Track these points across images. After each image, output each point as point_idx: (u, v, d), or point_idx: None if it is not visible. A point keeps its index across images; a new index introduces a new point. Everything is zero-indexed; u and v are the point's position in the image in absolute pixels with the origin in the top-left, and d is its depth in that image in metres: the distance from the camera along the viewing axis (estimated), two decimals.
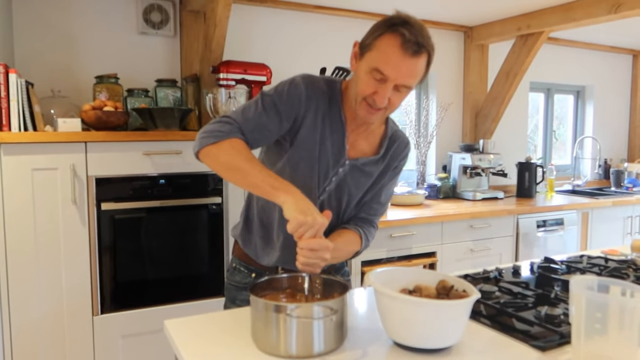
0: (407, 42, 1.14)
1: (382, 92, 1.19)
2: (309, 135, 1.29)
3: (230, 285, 1.48)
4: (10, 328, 2.04)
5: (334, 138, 1.31)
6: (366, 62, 1.20)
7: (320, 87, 1.30)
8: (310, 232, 1.09)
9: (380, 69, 1.16)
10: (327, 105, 1.30)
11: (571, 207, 3.44)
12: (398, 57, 1.15)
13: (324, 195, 1.35)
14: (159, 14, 2.73)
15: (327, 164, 1.32)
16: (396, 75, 1.17)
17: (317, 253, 1.11)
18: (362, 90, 1.21)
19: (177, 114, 2.34)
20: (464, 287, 1.09)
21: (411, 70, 1.18)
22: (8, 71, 1.99)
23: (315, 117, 1.29)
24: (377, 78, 1.18)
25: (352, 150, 1.34)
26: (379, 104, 1.20)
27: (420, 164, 3.65)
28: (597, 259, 1.74)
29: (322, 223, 1.10)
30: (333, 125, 1.31)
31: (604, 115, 4.63)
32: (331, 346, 1.04)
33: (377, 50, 1.17)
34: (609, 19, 2.99)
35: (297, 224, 1.08)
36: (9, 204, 2.00)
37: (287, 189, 1.14)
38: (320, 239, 1.11)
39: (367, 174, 1.37)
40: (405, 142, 1.43)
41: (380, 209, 1.45)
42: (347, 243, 1.35)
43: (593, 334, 0.92)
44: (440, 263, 2.93)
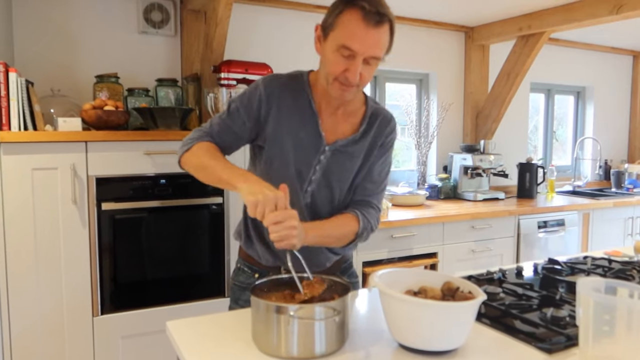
0: (368, 14, 1.15)
1: (353, 68, 1.19)
2: (277, 131, 1.31)
3: (234, 286, 1.48)
4: (9, 328, 2.02)
5: (308, 128, 1.32)
6: (331, 42, 1.20)
7: (281, 82, 1.32)
8: (267, 208, 1.08)
9: (346, 44, 1.17)
10: (292, 99, 1.32)
11: (572, 208, 3.43)
12: (362, 30, 1.16)
13: (312, 185, 1.34)
14: (160, 13, 2.72)
15: (307, 154, 1.32)
16: (364, 49, 1.17)
17: (282, 224, 1.09)
18: (332, 70, 1.21)
19: (178, 113, 2.33)
20: (470, 288, 1.08)
21: (377, 41, 1.18)
22: (8, 70, 1.98)
23: (278, 113, 1.30)
24: (345, 55, 1.18)
25: (332, 135, 1.34)
26: (352, 80, 1.21)
27: (421, 165, 3.64)
28: (601, 260, 1.73)
29: (273, 196, 1.09)
30: (304, 116, 1.32)
31: (604, 116, 4.63)
32: (332, 347, 1.04)
33: (340, 27, 1.18)
34: (610, 19, 2.99)
35: (253, 205, 1.08)
36: (8, 203, 1.99)
37: (244, 177, 1.16)
38: (280, 211, 1.09)
39: (351, 155, 1.36)
40: (387, 117, 1.41)
41: (376, 189, 1.42)
42: (338, 224, 1.33)
43: (601, 336, 0.91)
44: (442, 264, 2.92)
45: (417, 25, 3.54)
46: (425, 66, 3.68)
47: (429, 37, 3.65)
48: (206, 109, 2.53)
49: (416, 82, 3.78)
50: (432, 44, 3.67)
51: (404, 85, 3.76)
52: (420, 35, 3.60)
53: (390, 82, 3.65)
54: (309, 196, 1.35)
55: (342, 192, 1.39)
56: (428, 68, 3.70)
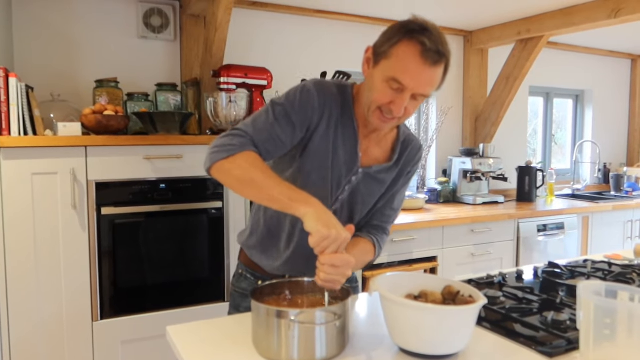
0: (427, 52, 1.10)
1: (399, 102, 1.15)
2: (322, 143, 1.24)
3: (235, 292, 1.45)
4: (9, 333, 2.02)
5: (347, 146, 1.27)
6: (382, 70, 1.15)
7: (332, 92, 1.25)
8: (333, 247, 1.04)
9: (398, 78, 1.12)
10: (340, 112, 1.25)
11: (571, 212, 3.43)
12: (418, 66, 1.11)
13: (337, 204, 1.31)
14: (159, 18, 2.73)
15: (340, 172, 1.28)
16: (415, 85, 1.13)
17: (339, 270, 1.05)
18: (377, 99, 1.17)
19: (178, 118, 2.33)
20: (470, 292, 1.08)
21: (430, 80, 1.14)
22: (8, 75, 1.98)
23: (328, 125, 1.24)
24: (394, 87, 1.14)
25: (365, 158, 1.30)
26: (396, 114, 1.17)
27: (420, 168, 3.64)
28: (601, 263, 1.73)
29: (345, 238, 1.05)
30: (346, 133, 1.27)
31: (603, 119, 4.64)
32: (333, 352, 1.03)
33: (395, 59, 1.12)
34: (608, 23, 3.00)
35: (321, 238, 1.03)
36: (8, 208, 1.99)
37: (307, 200, 1.08)
38: (343, 255, 1.05)
39: (381, 182, 1.34)
40: (417, 146, 1.39)
41: (393, 215, 1.42)
42: (362, 254, 1.31)
43: (602, 339, 0.92)
44: (441, 267, 2.92)
45: None
46: None
47: None
48: (206, 114, 2.53)
49: None
50: None
51: None
52: None
53: None
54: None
55: (362, 214, 1.37)
56: None
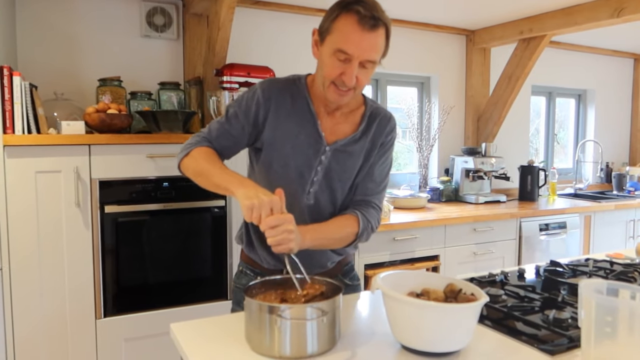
0: (363, 18, 1.17)
1: (349, 72, 1.21)
2: (275, 135, 1.32)
3: (236, 288, 1.49)
4: (13, 331, 2.03)
5: (307, 130, 1.33)
6: (328, 46, 1.23)
7: (278, 86, 1.34)
8: (263, 213, 1.09)
9: (342, 48, 1.19)
10: (290, 102, 1.33)
11: (573, 211, 3.43)
12: (357, 33, 1.18)
13: (314, 186, 1.35)
14: (162, 17, 2.74)
15: (307, 156, 1.33)
16: (359, 52, 1.19)
17: (278, 228, 1.10)
18: (328, 74, 1.24)
19: (181, 116, 2.34)
20: (472, 290, 1.09)
21: (372, 45, 1.20)
22: (12, 74, 1.99)
23: (276, 117, 1.32)
24: (341, 58, 1.21)
25: (332, 135, 1.35)
26: (348, 84, 1.22)
27: (422, 167, 3.64)
28: (603, 262, 1.73)
29: (269, 200, 1.10)
30: (303, 119, 1.33)
31: (605, 118, 4.63)
32: (324, 347, 1.05)
33: (336, 32, 1.21)
34: (611, 23, 3.00)
35: (247, 210, 1.10)
36: (12, 206, 2.00)
37: (240, 182, 1.17)
38: (276, 215, 1.10)
39: (351, 154, 1.37)
40: (387, 116, 1.42)
41: (376, 188, 1.42)
42: (338, 225, 1.33)
43: (603, 337, 0.92)
44: (443, 266, 2.92)
45: (419, 28, 3.55)
46: (426, 69, 3.69)
47: (430, 41, 3.66)
48: (209, 112, 2.54)
49: (417, 85, 3.79)
50: (434, 47, 3.69)
51: (406, 88, 3.77)
52: (421, 38, 3.61)
53: (392, 85, 3.66)
54: (311, 198, 1.36)
55: (344, 192, 1.39)
56: (429, 71, 3.71)
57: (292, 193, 1.33)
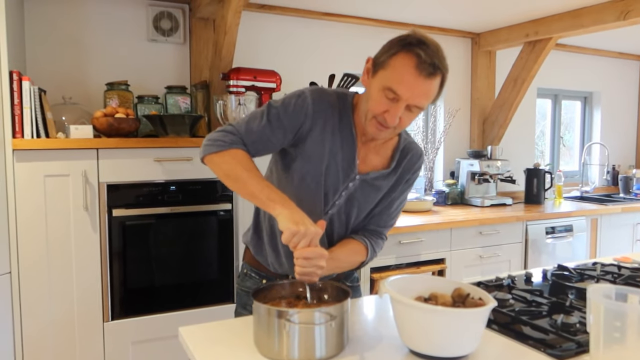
0: (422, 63, 1.14)
1: (393, 112, 1.18)
2: (316, 149, 1.29)
3: (241, 291, 1.49)
4: (21, 334, 2.04)
5: (345, 152, 1.30)
6: (379, 80, 1.19)
7: (330, 100, 1.30)
8: (304, 242, 1.10)
9: (393, 88, 1.16)
10: (338, 119, 1.30)
11: (580, 214, 3.42)
12: (412, 77, 1.15)
13: (334, 209, 1.34)
14: (169, 21, 2.75)
15: (337, 178, 1.31)
16: (409, 96, 1.16)
17: (311, 261, 1.11)
18: (373, 108, 1.21)
19: (187, 120, 2.36)
20: (480, 295, 1.09)
21: (425, 92, 1.17)
22: (21, 79, 2.01)
23: (322, 131, 1.28)
24: (390, 97, 1.17)
25: (363, 165, 1.33)
26: (390, 123, 1.20)
27: (428, 171, 3.64)
28: (610, 266, 1.73)
29: (314, 232, 1.10)
30: (344, 139, 1.30)
31: (611, 121, 4.62)
32: (333, 352, 1.05)
33: (392, 69, 1.16)
34: (617, 25, 2.99)
35: (290, 234, 1.09)
36: (21, 210, 2.02)
37: (282, 201, 1.15)
38: (314, 248, 1.11)
39: (378, 188, 1.36)
40: (418, 153, 1.41)
41: (390, 221, 1.44)
42: (350, 253, 1.35)
43: (612, 342, 0.92)
44: (449, 270, 2.92)
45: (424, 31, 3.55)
46: None
47: None
48: (215, 116, 2.55)
49: None
50: None
51: None
52: None
53: None
54: (327, 219, 1.35)
55: (359, 219, 1.39)
56: None
57: (311, 209, 1.31)
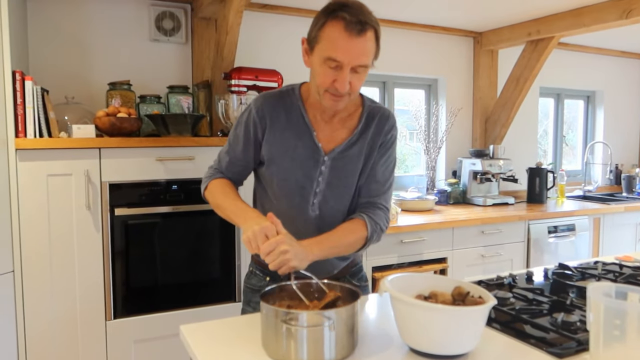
0: (350, 24, 1.16)
1: (341, 79, 1.21)
2: (273, 150, 1.34)
3: (246, 288, 1.50)
4: (25, 332, 2.05)
5: (304, 142, 1.34)
6: (317, 55, 1.22)
7: (272, 102, 1.35)
8: (259, 240, 1.13)
9: (332, 56, 1.19)
10: (284, 116, 1.34)
11: (582, 213, 3.42)
12: (345, 40, 1.17)
13: (317, 197, 1.35)
14: (171, 21, 2.76)
15: (306, 168, 1.34)
16: (350, 59, 1.18)
17: (273, 252, 1.12)
18: (321, 82, 1.24)
19: (189, 120, 2.36)
20: (480, 293, 1.09)
21: (362, 49, 1.19)
22: (24, 78, 2.02)
23: (272, 132, 1.33)
24: (332, 66, 1.20)
25: (330, 144, 1.35)
26: (342, 90, 1.22)
27: (430, 170, 3.64)
28: (612, 265, 1.73)
29: (260, 228, 1.14)
30: (299, 131, 1.34)
31: (614, 120, 4.60)
32: (342, 354, 1.04)
33: (324, 40, 1.20)
34: (619, 24, 2.98)
35: (246, 243, 1.15)
36: (24, 209, 2.03)
37: (244, 217, 1.23)
38: (270, 240, 1.13)
39: (351, 158, 1.36)
40: (385, 114, 1.40)
41: (381, 188, 1.40)
42: (345, 233, 1.31)
43: (612, 341, 0.92)
44: (451, 269, 2.92)
45: (426, 30, 3.55)
46: (434, 71, 3.69)
47: (437, 43, 3.66)
48: (217, 116, 2.56)
49: (425, 88, 3.79)
50: (441, 49, 3.69)
51: (413, 91, 3.78)
52: (428, 40, 3.62)
53: (399, 88, 3.66)
54: (316, 208, 1.36)
55: (349, 197, 1.39)
56: (437, 73, 3.71)
57: (296, 206, 1.35)
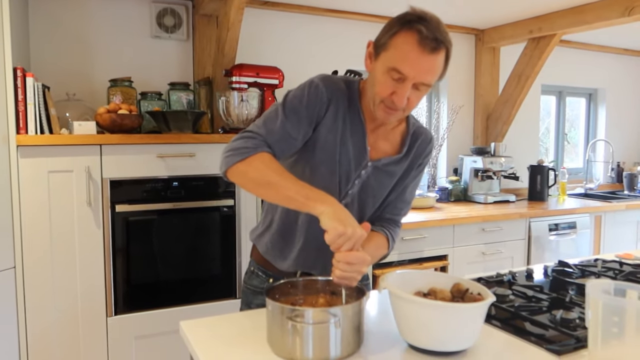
0: (424, 39, 1.10)
1: (400, 92, 1.15)
2: (329, 136, 1.25)
3: (247, 289, 1.46)
4: (26, 328, 2.06)
5: (355, 140, 1.28)
6: (382, 62, 1.16)
7: (340, 87, 1.26)
8: (348, 244, 1.05)
9: (398, 68, 1.13)
10: (347, 106, 1.26)
11: (584, 211, 3.41)
12: (416, 54, 1.11)
13: (347, 198, 1.31)
14: (172, 18, 2.76)
15: (349, 166, 1.28)
16: (415, 74, 1.13)
17: (354, 267, 1.06)
18: (379, 92, 1.18)
19: (190, 117, 2.36)
20: (479, 290, 1.09)
21: (430, 68, 1.14)
22: (25, 75, 2.02)
23: (335, 118, 1.25)
24: (395, 78, 1.14)
25: (373, 151, 1.31)
26: (398, 105, 1.17)
27: (431, 167, 3.64)
28: (612, 263, 1.73)
29: (361, 235, 1.06)
30: (353, 127, 1.27)
31: (616, 118, 4.59)
32: (348, 351, 1.04)
33: (394, 49, 1.13)
34: (621, 21, 2.97)
35: (337, 235, 1.04)
36: (25, 205, 2.03)
37: (323, 199, 1.10)
38: (358, 253, 1.07)
39: (391, 174, 1.34)
40: (428, 137, 1.38)
41: (405, 208, 1.42)
42: (377, 248, 1.33)
43: (610, 338, 0.92)
44: (452, 266, 2.92)
45: None
46: None
47: None
48: (218, 113, 2.56)
49: None
50: None
51: None
52: None
53: None
54: None
55: (373, 208, 1.37)
56: None
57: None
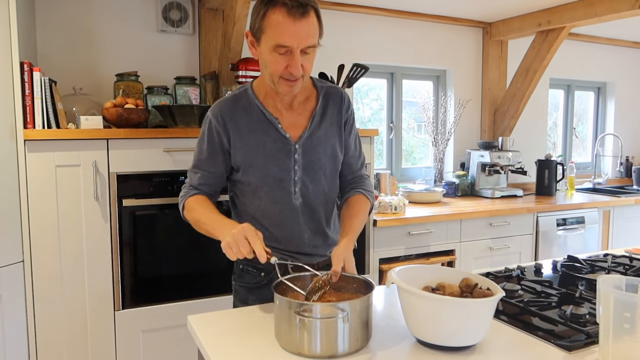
0: (292, 8, 1.18)
1: (293, 63, 1.22)
2: (243, 153, 1.34)
3: (239, 287, 1.48)
4: (34, 322, 2.07)
5: (271, 136, 1.35)
6: (265, 44, 1.23)
7: (228, 106, 1.36)
8: (241, 245, 1.13)
9: (280, 43, 1.20)
10: (245, 117, 1.35)
11: (592, 205, 3.39)
12: (290, 25, 1.19)
13: (298, 185, 1.37)
14: (178, 12, 2.75)
15: (280, 160, 1.35)
16: (297, 42, 1.20)
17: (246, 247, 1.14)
18: (274, 70, 1.25)
19: (197, 111, 2.36)
20: (488, 285, 1.08)
21: (307, 31, 1.21)
22: (32, 69, 2.02)
23: (237, 136, 1.34)
24: (282, 52, 1.22)
25: (296, 130, 1.37)
26: (296, 74, 1.24)
27: (438, 162, 3.62)
28: (622, 258, 1.71)
29: (238, 231, 1.14)
30: (263, 127, 1.35)
31: (625, 111, 4.55)
32: (356, 346, 1.03)
33: (270, 28, 1.21)
34: (632, 14, 2.94)
35: (226, 248, 1.15)
36: (33, 200, 2.04)
37: (221, 226, 1.23)
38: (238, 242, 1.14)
39: (320, 139, 1.39)
40: (338, 94, 1.44)
41: (358, 160, 1.50)
42: (361, 215, 1.40)
43: (622, 334, 0.91)
44: (459, 261, 2.91)
45: (435, 21, 3.52)
46: (442, 63, 3.66)
47: (446, 34, 3.63)
48: None
49: (433, 79, 3.76)
50: (450, 40, 3.65)
51: (421, 82, 3.75)
52: (437, 31, 3.58)
53: (407, 79, 3.64)
54: (299, 196, 1.38)
55: (327, 177, 1.42)
56: (445, 64, 3.67)
57: (279, 200, 1.36)
